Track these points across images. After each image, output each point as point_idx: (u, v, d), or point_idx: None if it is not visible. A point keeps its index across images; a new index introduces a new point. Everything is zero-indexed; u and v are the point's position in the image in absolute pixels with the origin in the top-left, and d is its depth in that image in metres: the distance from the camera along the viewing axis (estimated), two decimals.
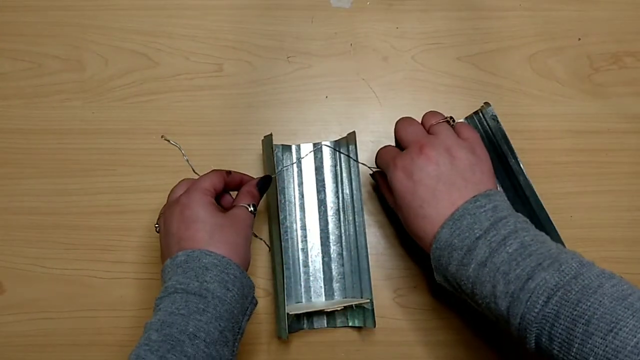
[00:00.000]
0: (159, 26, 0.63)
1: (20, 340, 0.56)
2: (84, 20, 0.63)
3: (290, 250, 0.57)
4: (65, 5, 0.64)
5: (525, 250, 0.42)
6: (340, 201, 0.58)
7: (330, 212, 0.58)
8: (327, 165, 0.59)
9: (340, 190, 0.58)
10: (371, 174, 0.58)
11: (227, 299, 0.44)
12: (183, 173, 0.59)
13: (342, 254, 0.57)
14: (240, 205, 0.49)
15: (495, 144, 0.54)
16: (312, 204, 0.58)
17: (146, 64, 0.62)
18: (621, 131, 0.61)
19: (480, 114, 0.55)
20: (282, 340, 0.55)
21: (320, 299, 0.57)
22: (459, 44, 0.63)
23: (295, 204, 0.58)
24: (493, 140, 0.55)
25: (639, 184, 0.60)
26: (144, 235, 0.58)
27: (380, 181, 0.56)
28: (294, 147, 0.59)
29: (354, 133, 0.56)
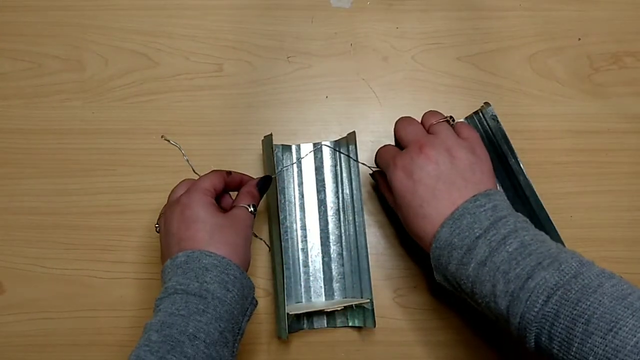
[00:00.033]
0: (159, 26, 0.63)
1: (20, 340, 0.56)
2: (84, 20, 0.63)
3: (290, 250, 0.57)
4: (65, 5, 0.64)
5: (525, 250, 0.42)
6: (340, 201, 0.58)
7: (330, 212, 0.58)
8: (327, 165, 0.59)
9: (340, 190, 0.58)
10: (371, 174, 0.58)
11: (227, 299, 0.44)
12: (183, 173, 0.59)
13: (342, 254, 0.57)
14: (240, 206, 0.49)
15: (495, 144, 0.54)
16: (312, 204, 0.58)
17: (146, 64, 0.62)
18: (621, 131, 0.61)
19: (480, 114, 0.55)
20: (282, 340, 0.55)
21: (320, 299, 0.57)
22: (459, 44, 0.63)
23: (295, 204, 0.58)
24: (493, 140, 0.55)
25: (639, 184, 0.60)
26: (144, 235, 0.58)
27: (380, 181, 0.56)
28: (294, 147, 0.59)
29: (354, 133, 0.56)
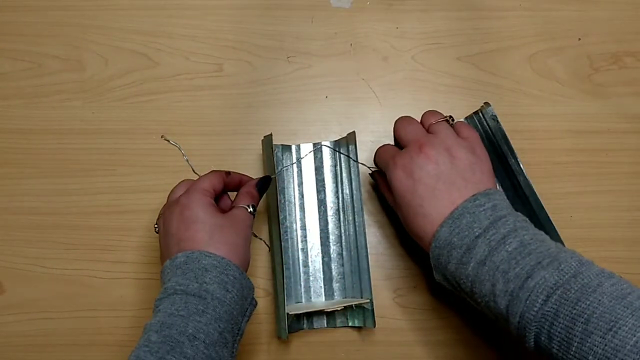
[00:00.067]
0: (159, 26, 0.63)
1: (20, 340, 0.56)
2: (84, 20, 0.63)
3: (290, 250, 0.57)
4: (65, 5, 0.64)
5: (524, 249, 0.42)
6: (340, 201, 0.58)
7: (330, 212, 0.58)
8: (327, 165, 0.59)
9: (340, 190, 0.58)
10: (370, 174, 0.58)
11: (227, 300, 0.44)
12: (183, 173, 0.59)
13: (342, 254, 0.57)
14: (239, 206, 0.49)
15: (495, 144, 0.54)
16: (312, 204, 0.58)
17: (146, 64, 0.62)
18: (621, 131, 0.61)
19: (480, 114, 0.55)
20: (282, 340, 0.55)
21: (320, 299, 0.57)
22: (459, 44, 0.63)
23: (295, 204, 0.58)
24: (493, 140, 0.55)
25: (639, 184, 0.60)
26: (144, 235, 0.58)
27: (379, 180, 0.56)
28: (294, 147, 0.59)
29: (353, 133, 0.56)
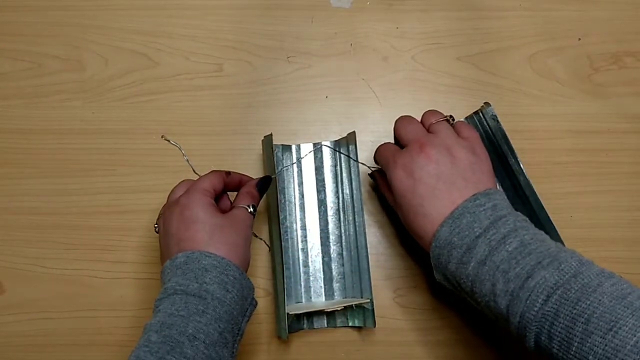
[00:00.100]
0: (159, 26, 0.63)
1: (20, 340, 0.56)
2: (84, 20, 0.63)
3: (290, 250, 0.57)
4: (65, 5, 0.64)
5: (524, 249, 0.42)
6: (340, 201, 0.58)
7: (330, 212, 0.58)
8: (327, 165, 0.59)
9: (340, 190, 0.58)
10: (370, 174, 0.58)
11: (227, 300, 0.44)
12: (183, 173, 0.59)
13: (342, 254, 0.57)
14: (239, 206, 0.49)
15: (495, 144, 0.54)
16: (312, 204, 0.58)
17: (146, 64, 0.62)
18: (621, 131, 0.61)
19: (480, 114, 0.55)
20: (282, 340, 0.55)
21: (320, 299, 0.57)
22: (459, 44, 0.63)
23: (295, 204, 0.58)
24: (493, 140, 0.55)
25: (639, 184, 0.60)
26: (144, 235, 0.58)
27: (379, 180, 0.56)
28: (294, 147, 0.59)
29: (354, 133, 0.56)
